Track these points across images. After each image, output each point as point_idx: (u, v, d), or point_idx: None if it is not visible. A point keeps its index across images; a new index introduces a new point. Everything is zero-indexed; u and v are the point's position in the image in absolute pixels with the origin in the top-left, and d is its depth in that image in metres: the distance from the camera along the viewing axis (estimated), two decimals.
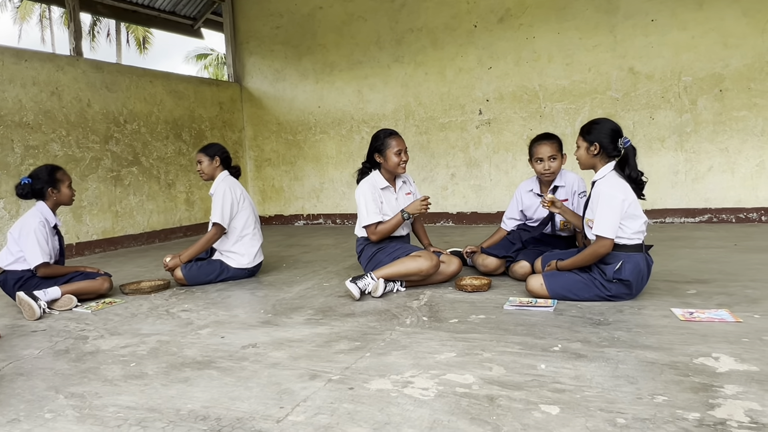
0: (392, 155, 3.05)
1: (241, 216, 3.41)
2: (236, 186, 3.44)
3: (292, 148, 7.11)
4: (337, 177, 6.90)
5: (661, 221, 5.56)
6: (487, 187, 6.16)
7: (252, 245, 3.45)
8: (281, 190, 7.25)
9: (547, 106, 5.79)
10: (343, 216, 6.90)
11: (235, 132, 7.22)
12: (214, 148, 3.48)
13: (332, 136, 6.85)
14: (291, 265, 4.02)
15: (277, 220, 7.32)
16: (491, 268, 3.19)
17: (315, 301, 2.82)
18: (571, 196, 3.09)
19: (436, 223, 6.40)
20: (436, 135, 6.30)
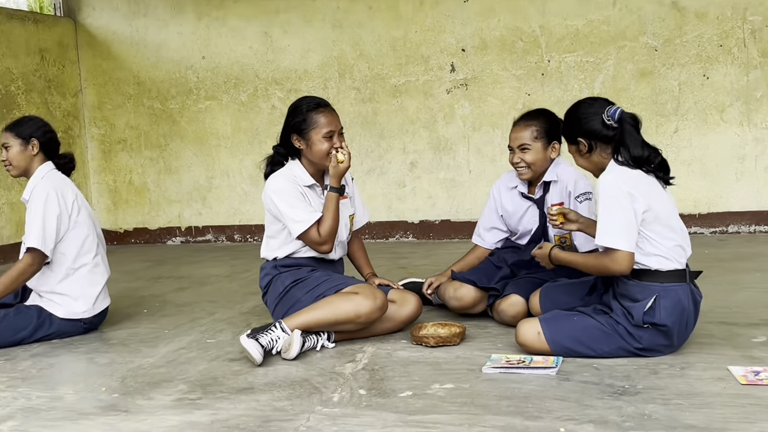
0: (319, 140, 3.05)
1: (75, 236, 3.34)
2: (66, 187, 3.36)
3: (160, 122, 7.01)
4: (235, 168, 6.85)
5: (719, 231, 5.82)
6: (464, 182, 6.27)
7: (91, 282, 3.38)
8: (144, 189, 7.12)
9: (552, 59, 5.96)
10: (245, 229, 6.86)
11: (68, 97, 7.03)
12: (30, 125, 3.39)
13: (225, 103, 6.80)
14: (156, 310, 3.97)
15: (138, 238, 7.18)
16: (466, 304, 3.24)
17: (192, 369, 2.78)
18: (565, 198, 3.19)
19: (387, 239, 6.47)
20: (386, 103, 6.35)
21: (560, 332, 2.63)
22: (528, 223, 3.29)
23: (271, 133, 6.61)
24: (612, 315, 2.60)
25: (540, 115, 3.19)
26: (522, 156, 3.16)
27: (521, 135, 3.17)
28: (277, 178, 3.10)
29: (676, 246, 2.53)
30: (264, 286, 3.22)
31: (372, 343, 3.02)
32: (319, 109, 3.08)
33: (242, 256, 5.96)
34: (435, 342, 2.90)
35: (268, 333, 2.83)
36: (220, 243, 6.95)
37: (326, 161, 3.08)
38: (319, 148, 3.05)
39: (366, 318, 2.92)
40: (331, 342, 3.00)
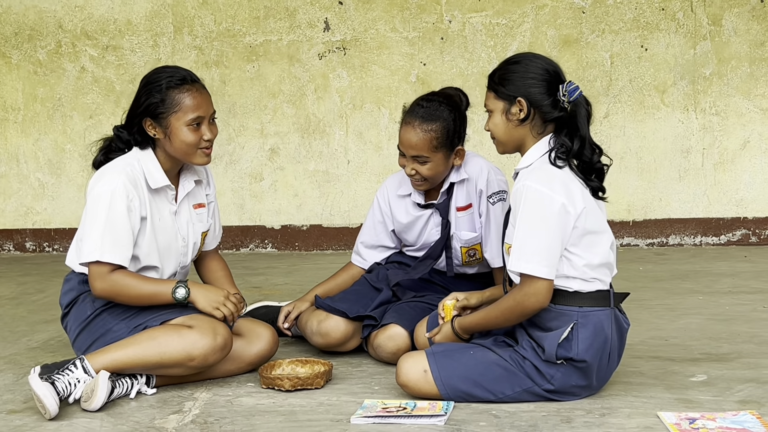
0: (183, 129, 2.95)
1: None
2: None
3: None
4: (28, 151, 6.62)
5: (657, 242, 6.10)
6: (340, 176, 6.33)
7: None
8: None
9: (454, 20, 6.09)
10: (41, 235, 6.64)
11: None
12: None
13: (16, 63, 6.56)
14: None
15: None
16: (334, 341, 3.26)
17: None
18: (475, 199, 3.26)
19: (238, 249, 6.45)
20: (238, 69, 6.32)
21: (452, 370, 2.67)
22: (430, 235, 3.32)
23: (79, 105, 6.44)
24: (517, 348, 2.67)
25: (441, 113, 3.14)
26: (417, 167, 3.16)
27: (416, 144, 3.13)
28: (115, 178, 2.93)
29: (602, 263, 2.63)
30: (66, 305, 3.12)
31: (207, 387, 2.98)
32: (184, 87, 2.97)
33: (36, 272, 5.76)
34: (292, 385, 2.89)
35: (65, 374, 2.75)
36: (5, 253, 6.67)
37: (192, 156, 3.00)
38: (183, 140, 2.95)
39: (201, 361, 2.87)
40: (150, 387, 2.93)
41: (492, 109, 2.70)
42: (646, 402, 2.68)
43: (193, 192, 3.18)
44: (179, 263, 3.16)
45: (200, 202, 3.21)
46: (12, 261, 6.32)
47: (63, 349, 3.52)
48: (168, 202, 3.09)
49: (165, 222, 3.06)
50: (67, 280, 3.16)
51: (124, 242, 2.93)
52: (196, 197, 3.20)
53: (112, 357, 2.83)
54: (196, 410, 2.75)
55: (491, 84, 2.71)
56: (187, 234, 3.14)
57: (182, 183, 3.14)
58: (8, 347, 3.67)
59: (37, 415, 2.70)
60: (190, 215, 3.16)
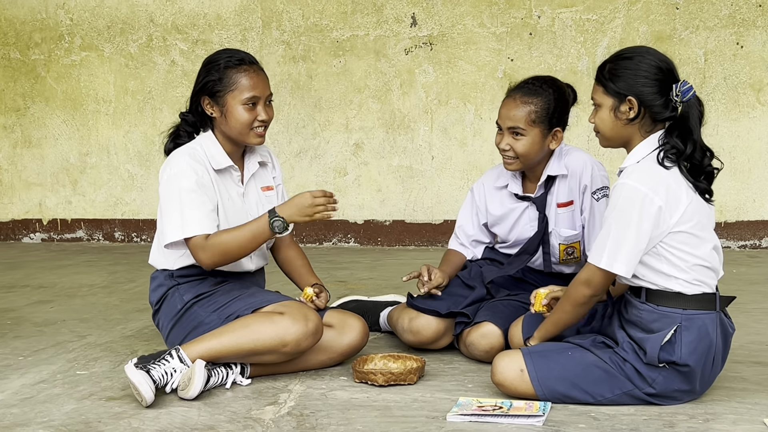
0: (238, 108, 3.02)
1: None
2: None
3: (19, 77, 6.87)
4: (118, 142, 6.76)
5: (749, 245, 5.95)
6: (424, 171, 6.31)
7: None
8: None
9: (543, 15, 6.03)
10: (129, 225, 6.77)
11: None
12: None
13: (108, 56, 6.70)
14: (7, 330, 3.89)
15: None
16: (425, 339, 3.25)
17: (56, 411, 2.72)
18: (578, 195, 3.22)
19: (321, 243, 6.47)
20: (325, 64, 6.35)
21: (550, 371, 2.63)
22: (524, 230, 3.29)
23: (169, 98, 6.54)
24: (617, 350, 2.62)
25: (545, 90, 3.14)
26: (512, 142, 3.14)
27: (514, 114, 3.12)
28: (179, 159, 3.02)
29: (705, 266, 2.57)
30: (156, 302, 3.18)
31: (301, 379, 2.99)
32: (241, 67, 3.03)
33: (125, 261, 5.88)
34: (385, 380, 2.88)
35: (161, 364, 2.79)
36: (94, 242, 6.83)
37: (246, 136, 3.05)
38: (238, 119, 3.02)
39: (294, 347, 2.89)
40: (245, 377, 2.96)
41: (599, 103, 2.65)
42: (751, 408, 2.61)
43: (259, 174, 3.23)
44: None
45: (268, 185, 3.26)
46: (102, 250, 6.46)
47: (157, 338, 3.57)
48: (235, 184, 3.14)
49: (234, 203, 3.11)
50: (153, 278, 3.23)
51: (204, 213, 2.96)
52: (263, 180, 3.25)
53: (207, 346, 2.86)
54: (291, 402, 2.76)
55: (600, 78, 2.65)
56: (258, 214, 3.15)
57: (246, 165, 3.20)
58: (104, 335, 3.75)
59: (135, 402, 2.75)
60: (259, 197, 3.21)
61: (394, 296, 3.82)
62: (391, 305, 3.64)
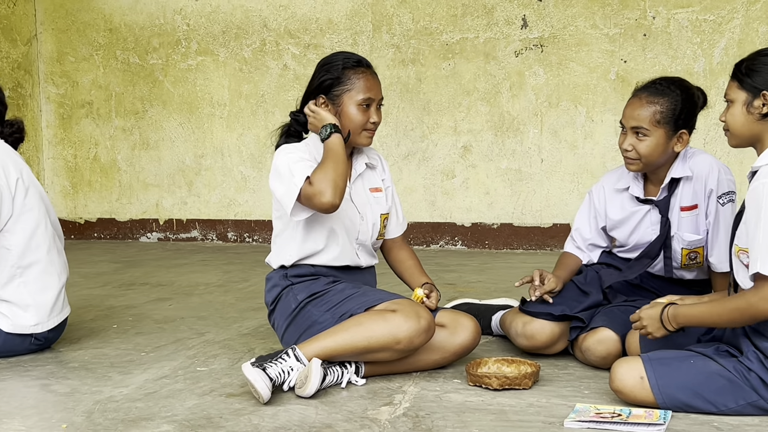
0: (353, 107, 3.07)
1: (21, 226, 3.36)
2: (9, 161, 3.38)
3: (138, 81, 7.05)
4: (232, 145, 6.89)
5: None
6: (533, 174, 6.26)
7: (44, 287, 3.41)
8: (113, 168, 7.19)
9: (658, 16, 5.91)
10: (242, 226, 6.89)
11: (18, 44, 7.09)
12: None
13: (223, 60, 6.83)
14: (129, 326, 3.99)
15: (103, 231, 7.24)
16: (539, 343, 3.22)
17: (179, 406, 2.78)
18: (702, 199, 3.14)
19: (428, 245, 6.46)
20: (434, 67, 6.35)
21: (671, 379, 2.57)
22: (645, 234, 3.21)
23: (281, 101, 6.64)
24: (741, 359, 2.54)
25: (672, 90, 3.07)
26: (635, 143, 3.07)
27: (639, 113, 3.05)
28: (287, 147, 3.10)
29: None
30: (271, 302, 3.23)
31: (414, 380, 3.00)
32: (358, 69, 3.09)
33: (238, 261, 6.00)
34: (499, 384, 2.87)
35: (278, 362, 2.82)
36: (208, 242, 6.98)
37: (358, 136, 3.10)
38: (351, 118, 3.07)
39: (407, 344, 2.90)
40: (359, 377, 2.98)
41: (732, 99, 2.59)
42: None
43: (367, 175, 3.26)
44: (357, 239, 3.20)
45: (377, 186, 3.28)
46: (215, 250, 6.60)
47: (272, 337, 3.62)
48: None
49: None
50: (268, 279, 3.27)
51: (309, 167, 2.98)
52: (371, 181, 3.27)
53: (322, 345, 2.89)
54: (406, 403, 2.77)
55: (736, 73, 2.60)
56: (365, 213, 3.21)
57: (354, 165, 3.22)
58: (221, 333, 3.82)
59: (254, 399, 2.79)
60: (367, 197, 3.23)
61: (506, 300, 3.79)
62: (503, 309, 3.61)
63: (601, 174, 5.60)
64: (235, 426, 2.57)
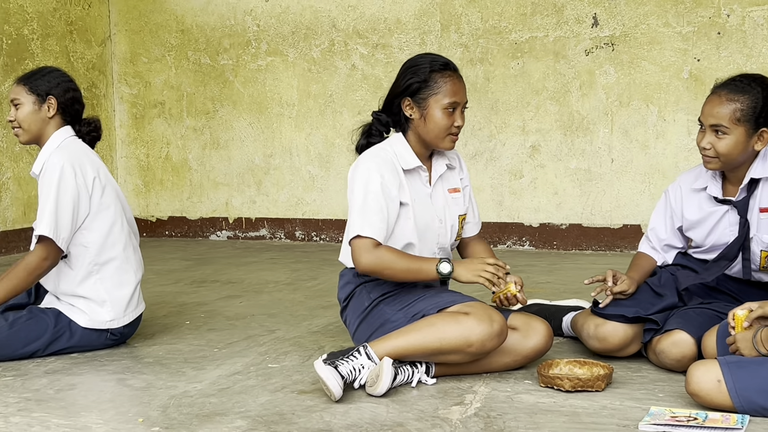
0: (439, 111, 3.06)
1: (98, 224, 3.42)
2: (86, 160, 3.44)
3: (209, 82, 7.14)
4: (300, 144, 6.93)
5: None
6: (603, 174, 6.19)
7: (121, 283, 3.46)
8: (184, 167, 7.29)
9: (733, 14, 5.79)
10: (309, 225, 6.93)
11: (93, 45, 7.23)
12: (49, 78, 3.48)
13: (292, 61, 6.88)
14: (201, 323, 4.04)
15: (174, 229, 7.34)
16: (612, 346, 3.17)
17: (251, 402, 2.81)
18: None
19: (495, 245, 6.43)
20: (502, 66, 6.33)
21: (749, 382, 2.52)
22: (722, 236, 3.14)
23: (349, 101, 6.66)
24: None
25: (753, 88, 2.99)
26: (713, 141, 3.00)
27: (718, 111, 2.99)
28: (369, 161, 3.09)
29: None
30: (344, 299, 3.25)
31: (485, 381, 3.00)
32: (446, 72, 3.08)
33: (306, 259, 6.04)
34: (572, 385, 2.85)
35: (349, 360, 2.84)
36: (276, 240, 7.04)
37: (441, 141, 3.09)
38: (437, 122, 3.06)
39: (479, 347, 2.89)
40: (430, 376, 2.98)
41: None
42: None
43: (446, 176, 3.25)
44: (437, 243, 3.21)
45: (455, 187, 3.27)
46: (283, 248, 6.65)
47: (342, 335, 3.65)
48: (422, 185, 3.17)
49: (422, 204, 3.14)
50: (342, 276, 3.29)
51: (381, 218, 3.01)
52: (449, 182, 3.26)
53: (394, 344, 2.89)
54: (477, 403, 2.76)
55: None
56: (444, 216, 3.21)
57: (434, 167, 3.22)
58: (291, 330, 3.85)
59: (325, 397, 2.81)
60: (446, 199, 3.22)
61: (577, 301, 3.75)
62: (574, 310, 3.58)
63: (673, 174, 5.54)
64: (307, 423, 2.59)
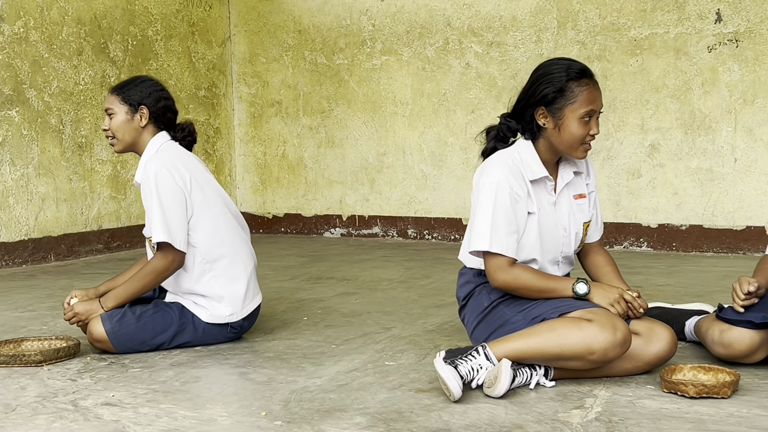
0: (575, 121, 2.99)
1: (205, 222, 3.49)
2: (180, 161, 3.50)
3: (324, 81, 7.24)
4: (413, 143, 6.96)
5: None
6: (726, 175, 6.04)
7: (234, 278, 3.53)
8: (299, 165, 7.40)
9: None
10: (421, 223, 6.95)
11: (213, 46, 7.41)
12: (141, 88, 3.55)
13: (407, 59, 6.91)
14: (318, 319, 4.10)
15: (289, 226, 7.48)
16: (738, 352, 3.08)
17: (370, 398, 2.83)
18: None
19: (612, 246, 6.34)
20: (621, 63, 6.23)
21: None
22: None
23: (462, 100, 6.65)
24: None
25: None
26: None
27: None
28: (497, 170, 3.04)
29: None
30: (463, 298, 3.23)
31: (605, 384, 2.94)
32: (582, 80, 2.99)
33: (418, 258, 6.05)
34: (696, 392, 2.77)
35: (467, 360, 2.83)
36: (389, 238, 7.08)
37: (575, 150, 3.02)
38: (572, 132, 2.99)
39: (601, 355, 2.83)
40: (548, 379, 2.94)
41: None
42: None
43: (572, 182, 3.18)
44: (561, 252, 3.16)
45: (581, 193, 3.20)
46: (396, 246, 6.68)
47: (457, 335, 3.64)
48: (547, 193, 3.11)
49: (545, 212, 3.09)
50: (461, 274, 3.27)
51: (510, 232, 2.99)
52: (575, 188, 3.19)
53: (513, 346, 2.86)
54: (597, 408, 2.71)
55: None
56: (569, 224, 3.14)
57: (561, 174, 3.15)
58: (407, 328, 3.86)
59: (443, 396, 2.80)
60: (571, 206, 3.15)
61: (701, 305, 3.64)
62: (698, 314, 3.48)
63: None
64: (426, 422, 2.59)
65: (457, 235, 6.77)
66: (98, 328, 3.37)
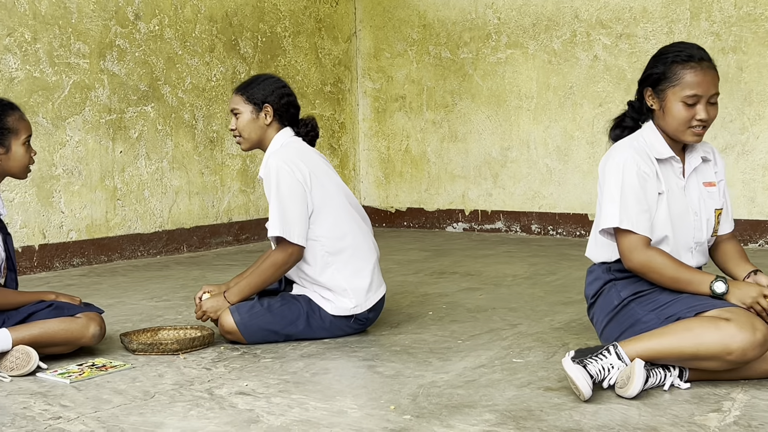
0: (677, 104, 2.96)
1: (325, 215, 3.54)
2: (299, 157, 3.54)
3: (448, 75, 7.24)
4: (538, 137, 6.90)
5: None
6: None
7: (357, 270, 3.57)
8: (422, 160, 7.42)
9: None
10: (546, 218, 6.88)
11: (339, 42, 7.49)
12: (264, 86, 3.62)
13: (532, 53, 6.85)
14: (444, 314, 4.10)
15: (412, 220, 7.50)
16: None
17: (498, 395, 2.82)
18: None
19: (746, 244, 6.17)
20: (757, 55, 6.05)
21: None
22: None
23: (590, 93, 6.54)
24: None
25: None
26: None
27: None
28: (623, 151, 3.02)
29: None
30: (592, 296, 3.18)
31: (743, 387, 2.84)
32: (688, 63, 2.95)
33: (543, 254, 5.99)
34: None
35: (598, 359, 2.78)
36: (512, 233, 7.02)
37: (682, 134, 2.98)
38: (675, 115, 2.96)
39: (739, 356, 2.74)
40: (683, 381, 2.87)
41: None
42: None
43: (701, 169, 3.13)
44: (693, 238, 3.08)
45: (710, 181, 3.14)
46: (519, 242, 6.63)
47: (586, 333, 3.59)
48: (675, 176, 3.07)
49: (675, 195, 3.04)
50: (590, 272, 3.22)
51: (641, 210, 2.95)
52: (704, 175, 3.14)
53: (646, 346, 2.80)
54: (736, 411, 2.62)
55: None
56: (699, 209, 3.08)
57: (688, 159, 3.11)
58: (533, 326, 3.82)
59: (573, 395, 2.76)
60: (701, 192, 3.10)
61: None
62: None
63: None
64: (557, 421, 2.55)
65: (582, 231, 6.66)
66: (229, 320, 3.47)
